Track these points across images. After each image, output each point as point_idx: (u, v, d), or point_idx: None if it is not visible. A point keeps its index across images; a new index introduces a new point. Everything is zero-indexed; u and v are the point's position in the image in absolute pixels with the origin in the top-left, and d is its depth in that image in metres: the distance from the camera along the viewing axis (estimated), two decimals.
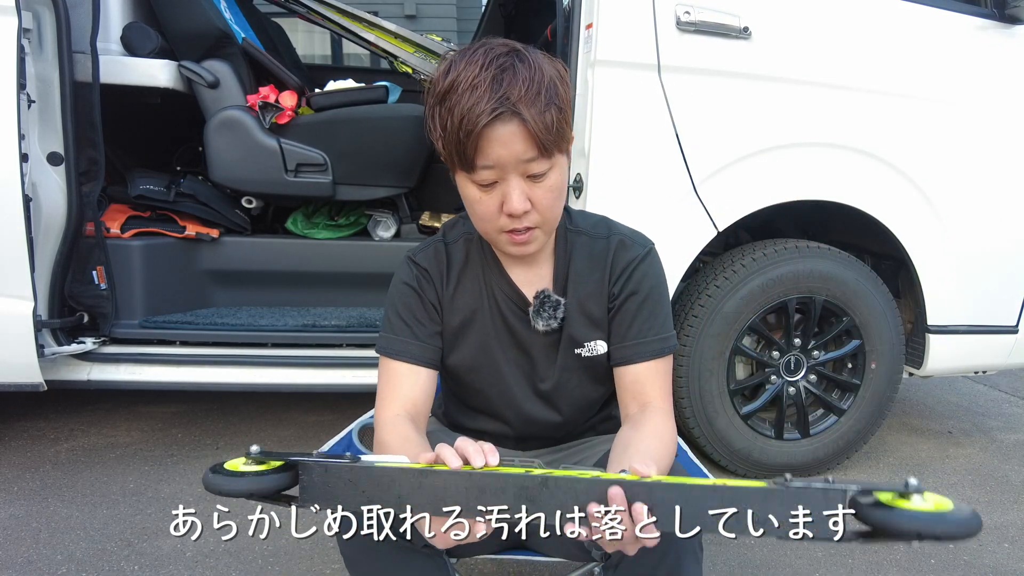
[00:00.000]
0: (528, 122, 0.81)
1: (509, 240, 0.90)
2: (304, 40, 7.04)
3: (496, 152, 0.82)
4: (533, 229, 0.90)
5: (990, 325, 2.07)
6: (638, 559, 0.80)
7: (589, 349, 1.00)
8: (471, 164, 0.84)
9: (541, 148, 0.83)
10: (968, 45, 1.92)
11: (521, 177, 0.85)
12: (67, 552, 1.60)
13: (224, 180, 2.17)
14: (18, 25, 1.63)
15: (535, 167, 0.85)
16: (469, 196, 0.89)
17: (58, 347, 1.84)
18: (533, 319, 0.98)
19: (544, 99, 0.82)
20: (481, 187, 0.87)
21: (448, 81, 0.83)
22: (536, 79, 0.82)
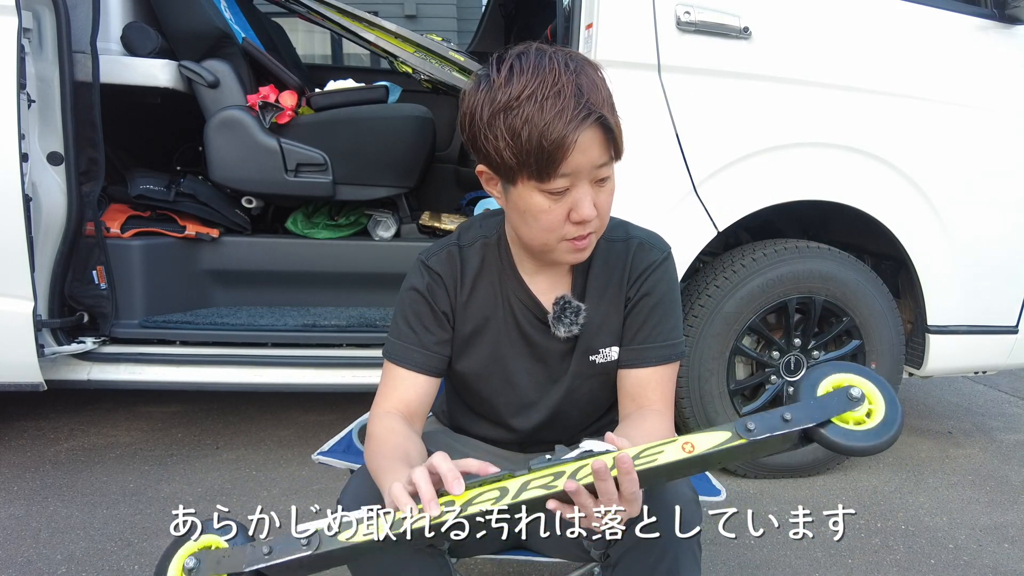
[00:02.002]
0: (612, 128, 0.80)
1: (571, 247, 0.87)
2: (304, 40, 7.04)
3: (577, 160, 0.79)
4: (590, 235, 0.88)
5: (990, 325, 2.06)
6: (637, 559, 0.81)
7: (603, 356, 0.98)
8: (550, 173, 0.80)
9: (614, 154, 0.83)
10: (968, 45, 1.92)
11: (591, 184, 0.83)
12: (67, 552, 1.60)
13: (224, 180, 2.17)
14: (18, 25, 1.62)
15: (604, 172, 0.83)
16: (534, 206, 0.84)
17: (58, 347, 1.84)
18: (554, 325, 0.96)
19: (610, 102, 0.83)
20: (551, 196, 0.83)
21: (516, 89, 0.78)
22: (605, 84, 0.83)
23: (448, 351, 1.00)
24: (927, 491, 2.03)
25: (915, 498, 1.98)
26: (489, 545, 1.04)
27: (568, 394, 1.01)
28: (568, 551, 0.99)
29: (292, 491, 1.91)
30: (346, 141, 2.20)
